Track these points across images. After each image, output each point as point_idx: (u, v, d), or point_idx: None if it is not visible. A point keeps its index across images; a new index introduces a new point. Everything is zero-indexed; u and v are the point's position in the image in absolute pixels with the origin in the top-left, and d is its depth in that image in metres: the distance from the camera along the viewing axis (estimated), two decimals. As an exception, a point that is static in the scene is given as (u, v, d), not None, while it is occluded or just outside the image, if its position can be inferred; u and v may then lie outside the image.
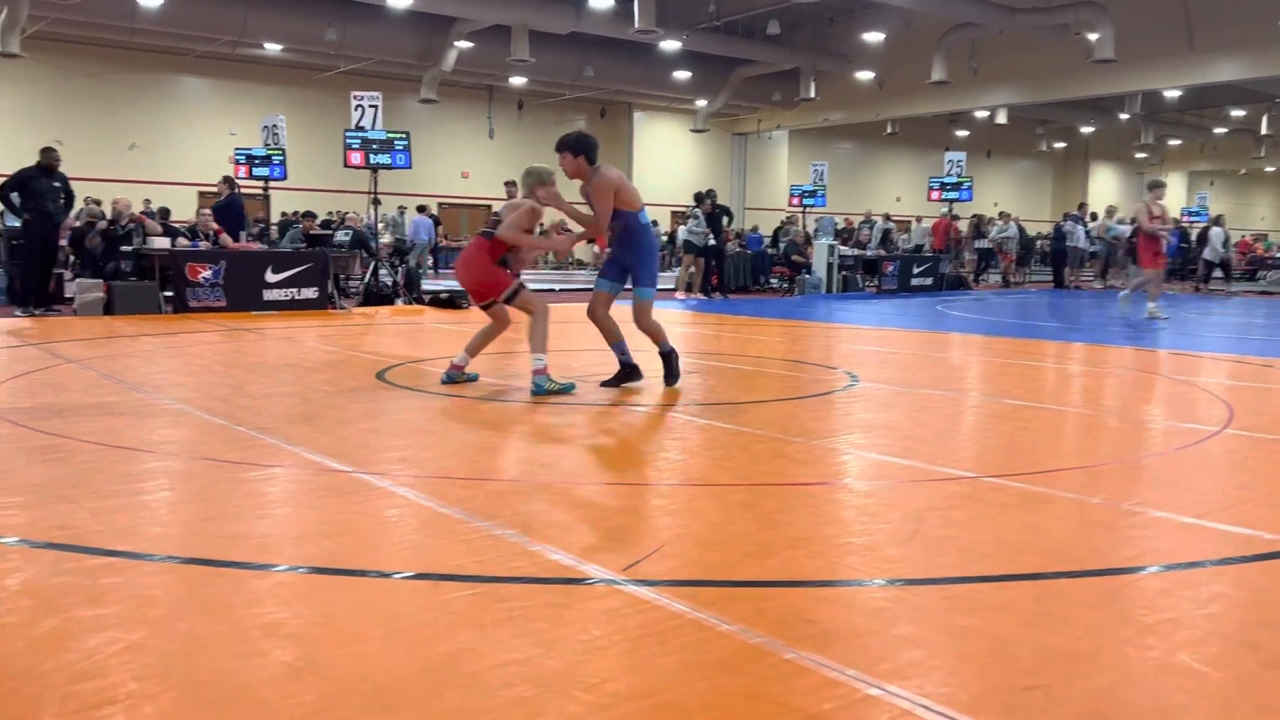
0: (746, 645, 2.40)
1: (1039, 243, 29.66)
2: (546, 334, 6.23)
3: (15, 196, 11.24)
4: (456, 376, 6.55)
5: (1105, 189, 44.55)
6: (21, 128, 23.92)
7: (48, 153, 11.41)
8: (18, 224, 11.89)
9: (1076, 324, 13.29)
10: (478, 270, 6.39)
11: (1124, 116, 32.86)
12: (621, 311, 6.50)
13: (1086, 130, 38.68)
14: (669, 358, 6.56)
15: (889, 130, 33.50)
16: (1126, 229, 22.25)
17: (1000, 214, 25.26)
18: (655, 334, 6.49)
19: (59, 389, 6.26)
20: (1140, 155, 41.69)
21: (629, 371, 6.55)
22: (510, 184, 14.62)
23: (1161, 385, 7.52)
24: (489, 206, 30.02)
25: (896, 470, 4.37)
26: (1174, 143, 41.38)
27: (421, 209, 24.02)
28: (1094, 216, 24.57)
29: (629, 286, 6.60)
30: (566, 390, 6.16)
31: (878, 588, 2.85)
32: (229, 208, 14.66)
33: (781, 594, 2.79)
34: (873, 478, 4.29)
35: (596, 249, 24.17)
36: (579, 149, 6.25)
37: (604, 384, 6.56)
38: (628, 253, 6.49)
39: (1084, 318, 14.39)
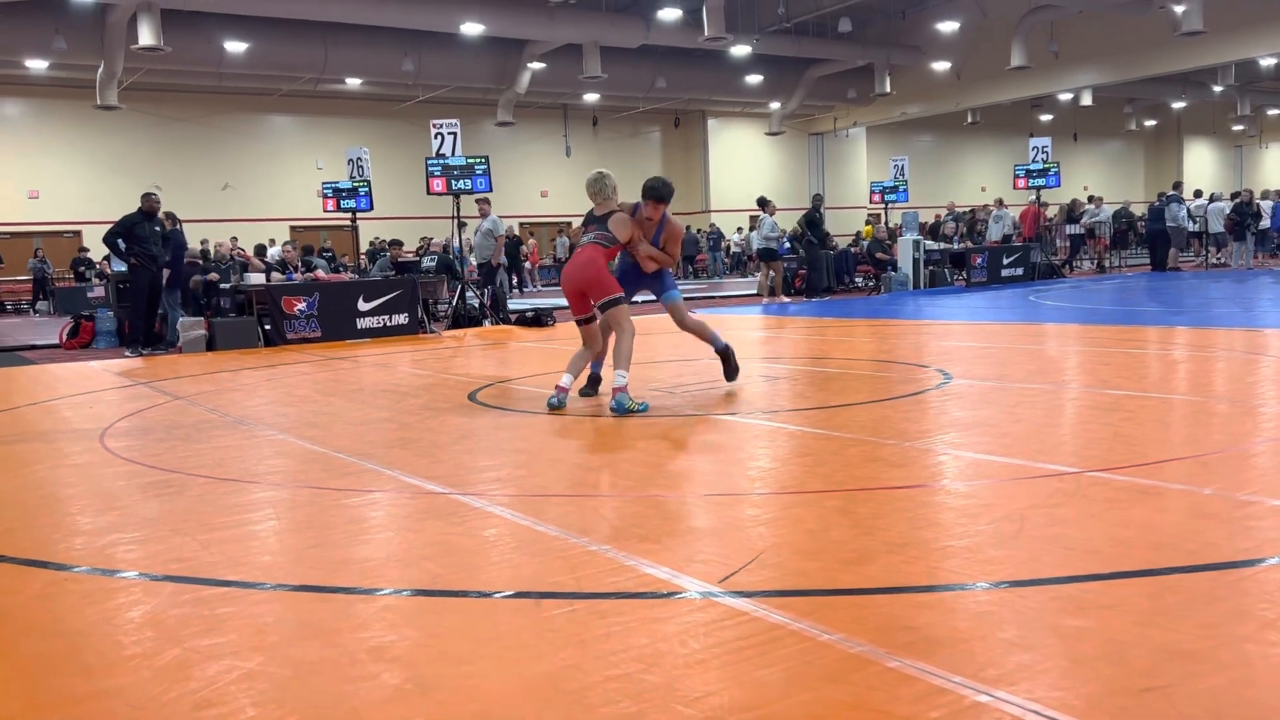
0: (848, 654, 2.38)
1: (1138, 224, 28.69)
2: (631, 353, 6.33)
3: (120, 242, 11.77)
4: (564, 400, 6.40)
5: (1201, 165, 42.97)
6: (122, 175, 25.07)
7: (148, 198, 11.93)
8: (124, 269, 12.44)
9: (1179, 307, 12.83)
10: (594, 270, 6.38)
11: (1217, 89, 31.69)
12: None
13: (1178, 106, 37.36)
14: (725, 355, 6.90)
15: (970, 120, 32.85)
16: (1226, 205, 21.41)
17: (1090, 198, 24.52)
18: (700, 331, 6.86)
19: (169, 425, 6.52)
20: (1237, 128, 40.11)
21: (595, 382, 6.93)
22: (483, 201, 14.75)
23: (1274, 367, 7.21)
24: (569, 223, 30.34)
25: (995, 469, 4.27)
26: (1273, 112, 39.70)
27: (503, 230, 24.34)
28: (1196, 194, 23.64)
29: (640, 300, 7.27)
30: (642, 410, 6.11)
31: (981, 591, 2.79)
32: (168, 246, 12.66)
33: (882, 601, 2.75)
34: (971, 478, 4.21)
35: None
36: (670, 197, 6.63)
37: (581, 392, 6.87)
38: (648, 277, 6.87)
39: (1187, 300, 13.88)
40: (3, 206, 25.58)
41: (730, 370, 6.88)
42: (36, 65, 23.14)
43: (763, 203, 17.15)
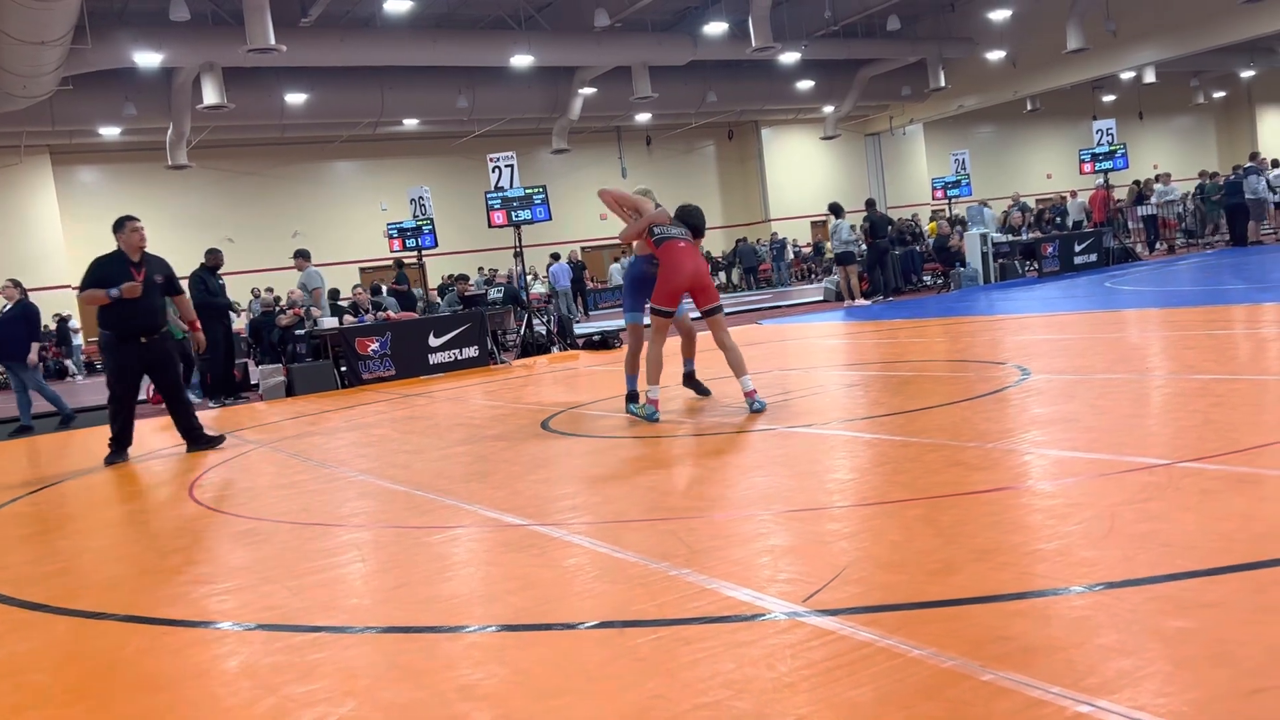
0: (941, 669, 2.32)
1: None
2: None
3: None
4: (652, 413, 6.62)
5: (1277, 134, 41.52)
6: (197, 230, 25.88)
7: (212, 254, 12.64)
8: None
9: (1264, 283, 12.38)
10: (706, 269, 6.75)
11: (1288, 53, 30.62)
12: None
13: (1247, 75, 36.27)
14: (691, 376, 7.28)
15: (1029, 107, 32.28)
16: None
17: (1157, 176, 23.82)
18: (687, 347, 7.25)
19: (253, 473, 6.68)
20: (1313, 91, 38.73)
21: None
22: (299, 256, 13.85)
23: (1371, 338, 6.91)
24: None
25: (1082, 465, 4.15)
26: (1350, 72, 38.21)
27: (555, 256, 24.62)
28: (1275, 163, 22.78)
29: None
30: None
31: (1075, 595, 2.70)
32: (21, 319, 11.25)
33: (972, 611, 2.68)
34: (1057, 476, 4.10)
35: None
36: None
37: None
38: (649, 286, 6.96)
39: (1272, 274, 13.40)
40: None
41: (697, 389, 7.24)
42: (109, 132, 24.07)
43: (836, 209, 17.23)
